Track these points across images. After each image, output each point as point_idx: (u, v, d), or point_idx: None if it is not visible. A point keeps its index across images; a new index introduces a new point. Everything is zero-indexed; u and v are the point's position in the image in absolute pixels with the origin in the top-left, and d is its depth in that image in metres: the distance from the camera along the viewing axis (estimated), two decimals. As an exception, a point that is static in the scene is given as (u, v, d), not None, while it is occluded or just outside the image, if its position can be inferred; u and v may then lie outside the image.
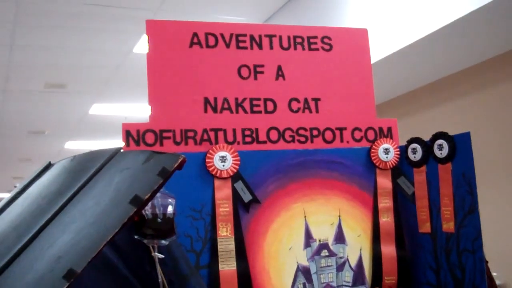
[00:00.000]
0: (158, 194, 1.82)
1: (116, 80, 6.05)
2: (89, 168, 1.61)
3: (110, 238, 1.40)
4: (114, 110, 7.24)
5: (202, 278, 2.21)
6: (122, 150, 1.64)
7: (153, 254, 1.91)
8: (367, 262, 2.65)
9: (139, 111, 6.88)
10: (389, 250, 2.66)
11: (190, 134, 2.46)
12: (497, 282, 4.19)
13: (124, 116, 7.05)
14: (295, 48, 2.70)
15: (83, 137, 8.81)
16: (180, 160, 1.53)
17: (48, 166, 1.76)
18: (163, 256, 1.94)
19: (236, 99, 2.57)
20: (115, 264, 2.12)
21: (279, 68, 2.66)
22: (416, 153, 2.66)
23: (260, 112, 2.60)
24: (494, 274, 3.58)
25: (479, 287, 2.33)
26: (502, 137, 4.91)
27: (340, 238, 2.61)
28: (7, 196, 1.74)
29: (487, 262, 2.43)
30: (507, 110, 4.90)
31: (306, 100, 2.68)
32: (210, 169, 2.41)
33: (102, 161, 1.61)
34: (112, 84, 6.20)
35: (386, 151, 2.71)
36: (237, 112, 2.56)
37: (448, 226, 2.50)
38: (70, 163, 1.70)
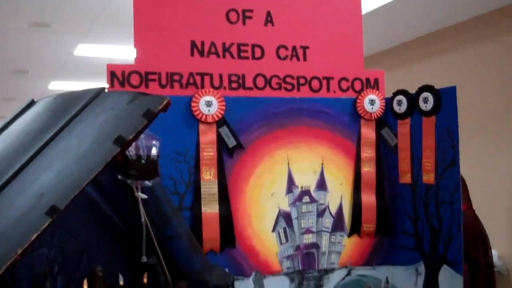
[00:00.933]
0: (142, 136, 1.81)
1: (102, 21, 5.92)
2: (73, 107, 1.58)
3: (93, 177, 1.39)
4: (99, 52, 7.12)
5: (185, 220, 2.22)
6: (106, 90, 1.62)
7: (136, 194, 1.92)
8: (347, 209, 2.69)
9: (125, 53, 6.77)
10: (369, 199, 2.70)
11: (176, 77, 2.43)
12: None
13: (109, 58, 6.94)
14: (286, -6, 2.65)
15: (68, 78, 8.69)
16: (165, 102, 1.50)
17: (31, 103, 1.73)
18: (146, 196, 1.94)
19: (224, 43, 2.53)
20: (98, 204, 2.12)
21: (268, 13, 2.61)
22: (401, 105, 2.66)
23: (247, 58, 2.57)
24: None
25: (455, 238, 2.38)
26: (487, 93, 4.92)
27: (322, 185, 2.64)
28: (-11, 133, 1.71)
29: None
30: (493, 66, 4.90)
31: (294, 48, 2.65)
32: (195, 113, 2.39)
33: (86, 100, 1.58)
34: (97, 25, 6.06)
35: (372, 102, 2.70)
36: (224, 57, 2.53)
37: (429, 177, 2.52)
38: (54, 101, 1.67)
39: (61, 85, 9.35)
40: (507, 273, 4.31)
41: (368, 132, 2.70)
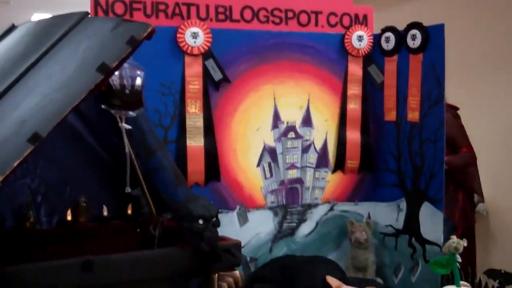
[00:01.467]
0: (126, 65, 1.78)
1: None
2: (55, 33, 1.54)
3: (76, 104, 1.37)
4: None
5: (169, 152, 2.21)
6: (89, 16, 1.57)
7: (120, 124, 1.90)
8: (331, 146, 2.70)
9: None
10: (354, 136, 2.70)
11: (162, 7, 2.36)
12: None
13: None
14: None
15: (52, 9, 8.48)
16: (149, 30, 1.47)
17: (12, 28, 1.68)
18: (130, 127, 1.92)
19: (211, -27, 2.45)
20: (81, 134, 2.11)
21: None
22: (389, 42, 2.63)
23: (235, -11, 2.50)
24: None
25: (436, 175, 2.41)
26: (476, 30, 4.87)
27: (307, 121, 2.63)
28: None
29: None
30: (480, 5, 4.84)
31: (283, -20, 2.58)
32: (181, 45, 2.34)
33: (69, 26, 1.53)
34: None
35: (360, 38, 2.66)
36: (211, -13, 2.46)
37: (413, 115, 2.53)
38: (35, 27, 1.63)
39: (44, 17, 9.12)
40: (486, 214, 4.40)
41: (355, 69, 2.68)
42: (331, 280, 1.99)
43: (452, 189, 3.45)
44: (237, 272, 1.83)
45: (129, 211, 2.18)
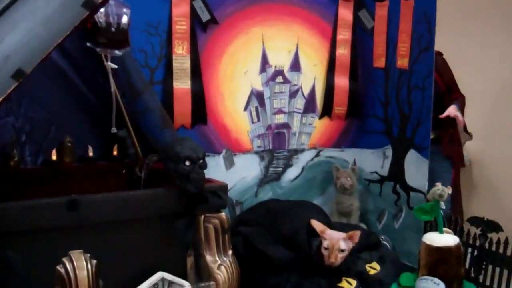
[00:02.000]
0: (112, 2, 1.74)
1: None
2: (39, -34, 1.48)
3: (60, 41, 1.34)
4: None
5: (156, 94, 2.19)
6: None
7: (106, 63, 1.87)
8: (319, 91, 2.69)
9: None
10: (342, 81, 2.70)
11: None
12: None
13: None
14: None
15: None
16: (137, -36, 1.43)
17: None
18: (116, 66, 1.90)
19: None
20: (66, 73, 2.08)
21: None
22: (380, -14, 2.59)
23: None
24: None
25: (424, 122, 2.41)
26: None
27: (295, 66, 2.61)
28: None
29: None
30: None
31: None
32: (169, -17, 2.29)
33: (53, -41, 1.48)
34: None
35: (351, -18, 2.62)
36: None
37: (403, 62, 2.52)
38: (17, -41, 1.56)
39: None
40: (469, 164, 4.44)
41: (345, 14, 2.64)
42: (315, 224, 2.03)
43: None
44: (223, 214, 1.85)
45: (115, 152, 2.18)
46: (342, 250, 1.99)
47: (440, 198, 2.05)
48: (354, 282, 2.01)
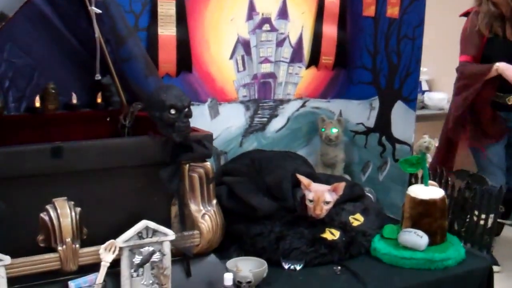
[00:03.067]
0: None
1: None
2: None
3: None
4: None
5: (140, 41, 2.17)
6: None
7: (89, 8, 1.84)
8: (307, 40, 2.69)
9: None
10: (330, 30, 2.69)
11: None
12: (425, 77, 4.34)
13: None
14: None
15: None
16: None
17: None
18: (100, 11, 1.87)
19: None
20: (50, 18, 2.05)
21: None
22: None
23: None
24: (424, 69, 3.69)
25: (412, 74, 2.43)
26: None
27: (283, 13, 2.59)
28: None
29: None
30: None
31: None
32: None
33: None
34: None
35: None
36: None
37: (393, 11, 2.51)
38: None
39: None
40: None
41: (335, -40, 2.62)
42: (301, 178, 2.06)
43: None
44: (208, 164, 1.86)
45: (99, 100, 2.18)
46: (327, 202, 2.03)
47: (426, 150, 2.09)
48: (337, 233, 2.07)
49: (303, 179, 2.06)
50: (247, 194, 2.11)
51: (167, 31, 2.31)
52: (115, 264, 1.66)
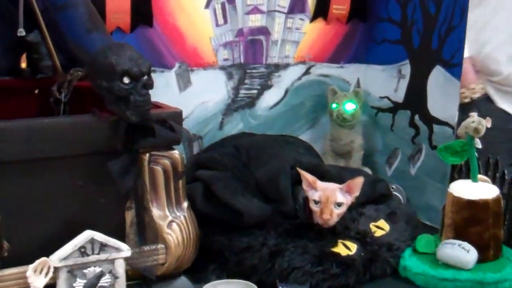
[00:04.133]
0: None
1: None
2: None
3: None
4: None
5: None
6: None
7: None
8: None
9: None
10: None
11: None
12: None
13: None
14: None
15: None
16: None
17: None
18: None
19: None
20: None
21: None
22: None
23: None
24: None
25: (456, 28, 2.42)
26: None
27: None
28: None
29: None
30: None
31: None
32: None
33: None
34: None
35: None
36: None
37: None
38: None
39: None
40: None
41: None
42: (304, 173, 2.06)
43: None
44: (176, 153, 1.85)
45: (23, 65, 2.15)
46: (339, 205, 2.03)
47: (475, 134, 2.09)
48: (353, 247, 2.07)
49: (306, 175, 2.06)
50: (230, 194, 2.11)
51: (118, -33, 2.30)
52: (49, 291, 1.65)
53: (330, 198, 2.02)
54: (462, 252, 2.03)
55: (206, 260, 2.04)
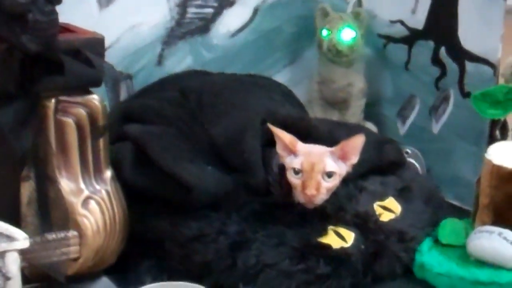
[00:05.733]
0: None
1: None
2: None
3: None
4: None
5: None
6: None
7: None
8: None
9: None
10: None
11: None
12: None
13: None
14: None
15: None
16: None
17: None
18: None
19: None
20: None
21: None
22: None
23: None
24: None
25: None
26: None
27: None
28: None
29: None
30: None
31: None
32: None
33: None
34: None
35: None
36: None
37: None
38: None
39: None
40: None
41: None
42: (279, 132, 2.05)
43: None
44: (95, 99, 1.85)
45: None
46: (330, 175, 2.03)
47: (526, 75, 2.10)
48: (350, 236, 2.10)
49: (283, 133, 2.06)
50: (172, 160, 2.11)
51: None
52: None
53: (316, 166, 2.01)
54: (504, 244, 2.05)
55: (138, 254, 2.06)
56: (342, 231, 2.08)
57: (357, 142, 2.05)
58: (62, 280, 1.85)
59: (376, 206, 2.18)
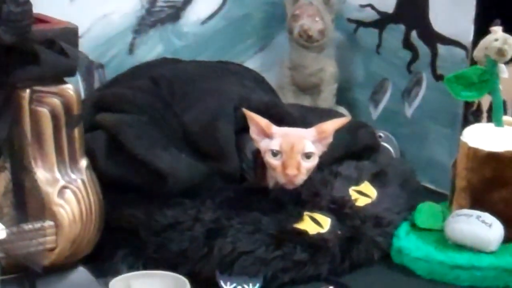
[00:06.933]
0: None
1: None
2: None
3: None
4: None
5: None
6: None
7: None
8: None
9: None
10: None
11: None
12: None
13: None
14: None
15: None
16: None
17: None
18: None
19: None
20: None
21: None
22: None
23: None
24: None
25: None
26: None
27: None
28: None
29: None
30: None
31: None
32: None
33: None
34: None
35: None
36: None
37: None
38: None
39: None
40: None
41: None
42: (253, 117, 2.07)
43: None
44: (69, 88, 1.85)
45: None
46: (308, 156, 2.04)
47: (499, 57, 2.09)
48: (326, 222, 2.11)
49: (257, 118, 2.07)
50: (146, 148, 2.13)
51: None
52: None
53: (295, 146, 2.01)
54: (482, 227, 2.06)
55: (113, 244, 2.07)
56: (318, 216, 2.10)
57: (333, 123, 2.07)
58: (39, 271, 1.84)
59: (352, 191, 2.19)
